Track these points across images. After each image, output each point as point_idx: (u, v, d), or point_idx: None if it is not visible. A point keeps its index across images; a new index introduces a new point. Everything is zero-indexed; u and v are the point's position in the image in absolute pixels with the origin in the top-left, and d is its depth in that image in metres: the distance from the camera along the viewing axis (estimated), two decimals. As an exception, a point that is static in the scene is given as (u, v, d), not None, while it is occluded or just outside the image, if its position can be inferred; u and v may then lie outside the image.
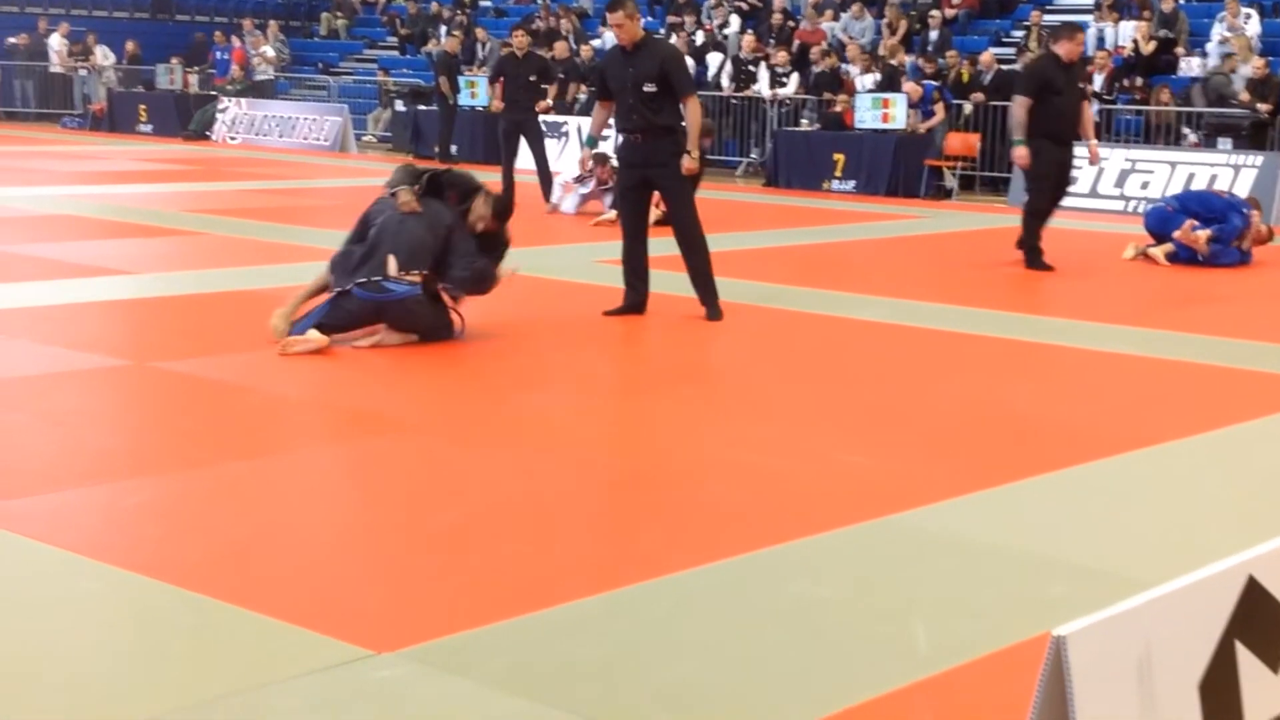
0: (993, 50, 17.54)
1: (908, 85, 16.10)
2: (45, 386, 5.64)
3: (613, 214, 12.04)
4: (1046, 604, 3.49)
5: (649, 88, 7.39)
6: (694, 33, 20.27)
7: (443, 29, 22.93)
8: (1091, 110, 11.13)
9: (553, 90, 13.90)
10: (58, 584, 3.49)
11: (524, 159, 13.21)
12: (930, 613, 3.41)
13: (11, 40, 25.50)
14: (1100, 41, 17.57)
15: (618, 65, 7.59)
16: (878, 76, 16.97)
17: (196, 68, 23.85)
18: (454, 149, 18.06)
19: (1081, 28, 10.48)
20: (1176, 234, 10.09)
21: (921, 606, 3.45)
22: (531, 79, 13.31)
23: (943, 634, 3.28)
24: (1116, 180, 14.38)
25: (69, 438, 4.90)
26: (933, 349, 6.95)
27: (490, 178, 13.42)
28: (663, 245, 10.74)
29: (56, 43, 25.22)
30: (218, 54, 24.14)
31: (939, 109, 15.85)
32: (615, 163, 8.38)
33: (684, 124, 7.52)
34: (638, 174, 7.58)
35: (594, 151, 9.00)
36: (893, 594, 3.54)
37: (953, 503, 4.31)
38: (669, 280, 8.11)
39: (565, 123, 18.08)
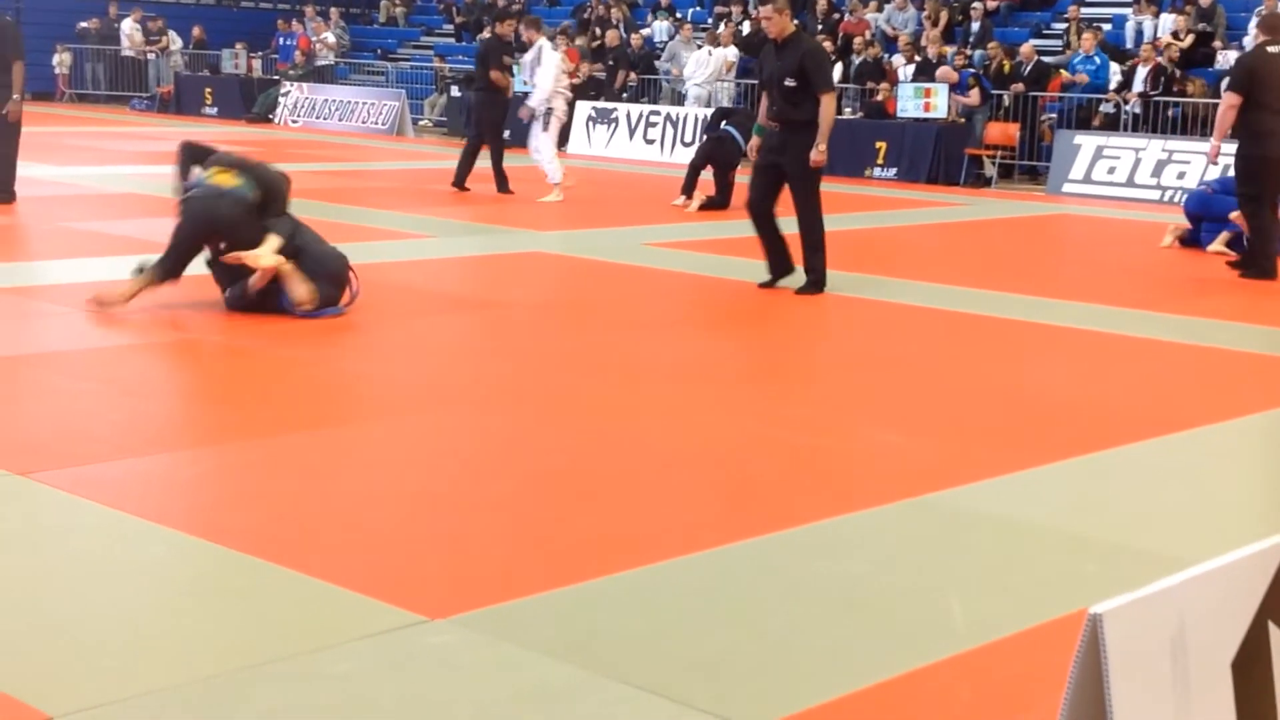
0: (1033, 42, 17.54)
1: (942, 69, 16.10)
2: (115, 358, 5.80)
3: (561, 185, 12.26)
4: (1080, 582, 3.53)
5: (789, 82, 7.62)
6: (741, 23, 20.22)
7: (498, 17, 23.04)
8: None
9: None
10: (124, 548, 3.60)
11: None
12: (965, 589, 3.46)
13: (83, 25, 25.89)
14: (1139, 35, 17.47)
15: (769, 58, 7.90)
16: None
17: (260, 52, 24.14)
18: (506, 134, 18.20)
19: None
20: (1233, 215, 9.90)
21: (956, 583, 3.50)
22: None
23: (977, 610, 3.33)
24: (1153, 170, 14.36)
25: (138, 407, 5.05)
26: (972, 333, 6.97)
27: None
28: (703, 229, 10.78)
29: (129, 27, 25.64)
30: (280, 39, 24.42)
31: (974, 94, 15.92)
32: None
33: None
34: (771, 158, 7.87)
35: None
36: (928, 571, 3.59)
37: (988, 483, 4.35)
38: (713, 263, 8.17)
39: (615, 109, 18.13)
